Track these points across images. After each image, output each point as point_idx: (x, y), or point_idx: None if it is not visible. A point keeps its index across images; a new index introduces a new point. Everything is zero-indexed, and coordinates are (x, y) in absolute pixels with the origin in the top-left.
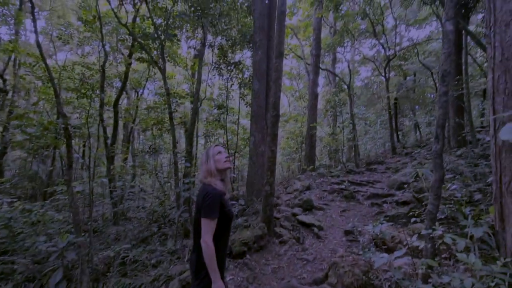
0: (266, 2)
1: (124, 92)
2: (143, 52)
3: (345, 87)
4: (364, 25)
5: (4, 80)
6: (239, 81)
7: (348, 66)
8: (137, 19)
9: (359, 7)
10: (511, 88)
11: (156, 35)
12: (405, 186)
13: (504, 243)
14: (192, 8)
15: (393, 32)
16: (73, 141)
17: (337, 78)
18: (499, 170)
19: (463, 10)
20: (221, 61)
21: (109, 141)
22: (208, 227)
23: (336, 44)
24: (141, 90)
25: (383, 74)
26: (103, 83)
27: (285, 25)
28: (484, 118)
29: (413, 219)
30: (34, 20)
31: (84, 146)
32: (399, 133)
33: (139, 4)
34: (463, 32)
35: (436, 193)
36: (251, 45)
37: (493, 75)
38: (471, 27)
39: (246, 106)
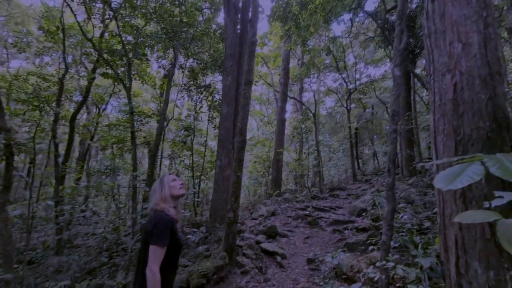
0: (238, 31)
1: (84, 107)
2: (109, 67)
3: (311, 115)
4: (328, 60)
5: None
6: (209, 103)
7: (314, 96)
8: (106, 34)
9: (324, 44)
10: (448, 130)
11: (124, 53)
12: (364, 213)
13: (448, 273)
14: (164, 30)
15: (354, 69)
16: (19, 157)
17: (303, 107)
18: (442, 203)
19: (411, 56)
20: (191, 83)
21: (60, 159)
22: (156, 255)
23: (303, 75)
24: (103, 106)
25: (345, 105)
26: (60, 96)
27: (256, 54)
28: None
29: (370, 247)
30: None
31: (31, 163)
32: (359, 160)
33: (108, 20)
34: (411, 74)
35: (389, 224)
36: (222, 70)
37: (434, 117)
38: (418, 70)
39: (214, 129)
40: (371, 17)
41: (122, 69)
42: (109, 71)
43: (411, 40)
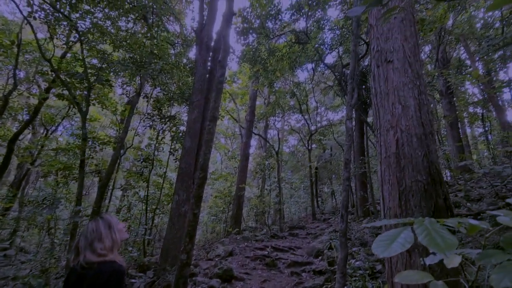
0: (208, 68)
1: (30, 127)
2: (66, 89)
3: (274, 153)
4: (292, 102)
5: None
6: (172, 134)
7: (278, 135)
8: (69, 54)
9: (289, 87)
10: (393, 180)
11: (85, 77)
12: (321, 255)
13: None
14: (132, 60)
15: (315, 112)
16: None
17: (267, 144)
18: None
19: (363, 106)
20: (156, 112)
21: None
22: None
23: (269, 114)
24: (53, 128)
25: (306, 145)
26: (1, 114)
27: (224, 91)
28: None
29: None
30: None
31: None
32: (319, 199)
33: (72, 42)
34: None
35: (342, 271)
36: (189, 102)
37: (381, 167)
38: (370, 119)
39: (175, 161)
40: (330, 69)
41: (81, 92)
42: (66, 92)
43: (363, 92)
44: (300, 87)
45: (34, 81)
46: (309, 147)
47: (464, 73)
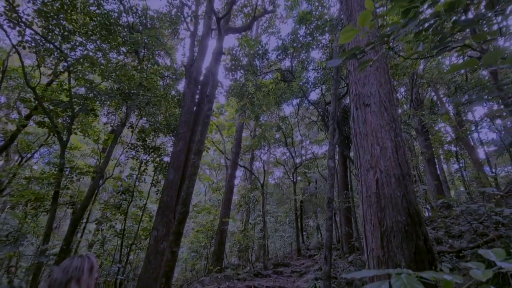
0: (196, 100)
1: (3, 154)
2: (48, 117)
3: (259, 185)
4: (278, 135)
5: None
6: (156, 165)
7: (263, 167)
8: (55, 81)
9: (275, 121)
10: (374, 221)
11: (69, 106)
12: None
13: None
14: (120, 91)
15: (300, 145)
16: None
17: (253, 176)
18: None
19: (346, 141)
20: (140, 143)
21: None
22: None
23: (255, 146)
24: (28, 155)
25: (291, 178)
26: None
27: (211, 122)
28: None
29: None
30: None
31: None
32: (304, 233)
33: (60, 71)
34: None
35: None
36: (174, 134)
37: (362, 207)
38: (353, 153)
39: (157, 194)
40: (314, 105)
41: (62, 120)
42: (47, 119)
43: (345, 128)
44: (285, 121)
45: (15, 107)
46: (294, 180)
47: (436, 113)
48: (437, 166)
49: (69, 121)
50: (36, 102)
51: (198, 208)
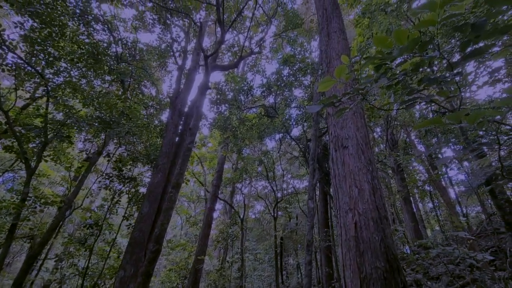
0: (179, 131)
1: None
2: (17, 142)
3: (239, 220)
4: (260, 168)
5: None
6: (130, 195)
7: (244, 201)
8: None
9: (257, 154)
10: (354, 266)
11: (43, 132)
12: None
13: None
14: (99, 119)
15: (281, 179)
16: None
17: (232, 210)
18: None
19: (327, 178)
20: (115, 172)
21: None
22: None
23: (236, 179)
24: None
25: (272, 213)
26: None
27: (193, 153)
28: None
29: None
30: None
31: None
32: (284, 272)
33: (38, 96)
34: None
35: None
36: (153, 164)
37: (342, 250)
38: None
39: (128, 228)
40: (295, 141)
41: (34, 145)
42: (15, 144)
43: (326, 164)
44: (267, 155)
45: None
46: (275, 215)
47: (410, 154)
48: (413, 204)
49: (38, 149)
50: (7, 125)
51: (173, 244)
